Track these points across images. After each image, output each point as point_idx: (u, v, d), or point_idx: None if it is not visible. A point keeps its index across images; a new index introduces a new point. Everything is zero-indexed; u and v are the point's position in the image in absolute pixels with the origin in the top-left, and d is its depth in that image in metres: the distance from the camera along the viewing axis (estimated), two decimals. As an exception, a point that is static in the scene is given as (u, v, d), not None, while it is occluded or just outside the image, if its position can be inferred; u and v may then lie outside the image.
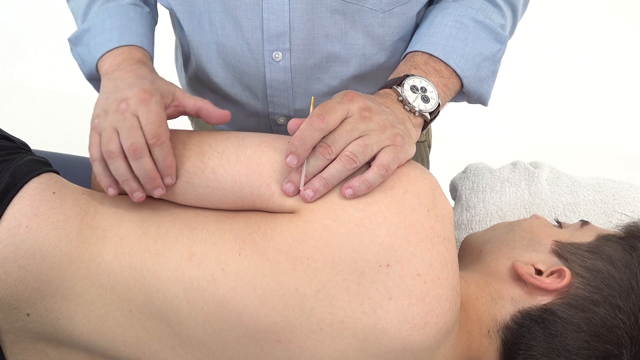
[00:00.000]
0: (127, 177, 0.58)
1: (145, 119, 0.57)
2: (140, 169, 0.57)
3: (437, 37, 0.67)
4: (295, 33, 0.68)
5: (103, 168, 0.59)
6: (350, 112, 0.55)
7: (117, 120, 0.57)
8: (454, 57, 0.66)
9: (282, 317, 0.54)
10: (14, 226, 0.57)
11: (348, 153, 0.54)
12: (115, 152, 0.57)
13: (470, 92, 0.70)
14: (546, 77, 2.22)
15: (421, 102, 0.61)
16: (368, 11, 0.67)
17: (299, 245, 0.54)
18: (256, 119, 0.79)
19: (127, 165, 0.58)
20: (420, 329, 0.53)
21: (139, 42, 0.69)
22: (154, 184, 0.58)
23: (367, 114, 0.55)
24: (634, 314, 0.55)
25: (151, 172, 0.57)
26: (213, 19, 0.69)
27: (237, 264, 0.55)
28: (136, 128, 0.57)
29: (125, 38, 0.68)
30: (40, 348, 0.61)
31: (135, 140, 0.56)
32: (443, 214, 0.57)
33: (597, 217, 0.81)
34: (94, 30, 0.69)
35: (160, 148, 0.57)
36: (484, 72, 0.69)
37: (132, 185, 0.59)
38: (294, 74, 0.72)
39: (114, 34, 0.68)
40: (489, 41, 0.69)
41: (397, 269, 0.53)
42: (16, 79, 2.05)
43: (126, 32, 0.68)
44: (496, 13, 0.70)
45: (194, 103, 0.62)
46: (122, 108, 0.58)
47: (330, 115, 0.54)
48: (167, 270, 0.57)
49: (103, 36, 0.68)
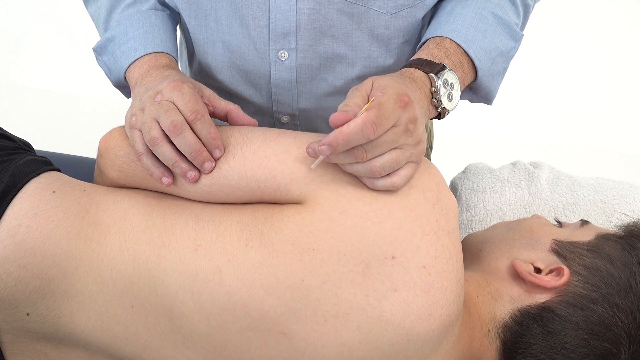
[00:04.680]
0: (175, 159, 0.58)
1: (180, 100, 0.58)
2: (184, 144, 0.57)
3: (458, 25, 0.66)
4: (301, 33, 0.68)
5: (151, 159, 0.59)
6: (399, 122, 0.53)
7: (155, 111, 0.58)
8: (473, 47, 0.66)
9: (287, 308, 0.54)
10: (14, 226, 0.58)
11: (379, 166, 0.53)
12: (157, 138, 0.57)
13: (480, 87, 0.70)
14: (546, 77, 2.22)
15: (447, 99, 0.61)
16: (374, 13, 0.67)
17: (306, 236, 0.54)
18: (260, 116, 0.79)
19: (172, 147, 0.58)
20: (424, 320, 0.53)
21: (164, 48, 0.70)
22: (202, 157, 0.58)
23: (412, 127, 0.54)
24: (632, 312, 0.56)
25: (195, 145, 0.57)
26: (219, 17, 0.69)
27: (244, 255, 0.55)
28: (173, 109, 0.57)
29: (150, 46, 0.69)
30: (39, 348, 0.61)
31: (174, 118, 0.56)
32: (448, 208, 0.57)
33: (597, 216, 0.82)
34: (118, 39, 0.70)
35: (201, 122, 0.57)
36: (497, 68, 0.69)
37: (182, 167, 0.58)
38: (299, 73, 0.72)
39: (138, 42, 0.69)
40: (505, 37, 0.69)
41: (402, 261, 0.53)
42: (16, 79, 2.05)
43: (150, 40, 0.69)
44: (512, 11, 0.71)
45: (225, 105, 0.63)
46: (157, 99, 0.58)
47: (384, 126, 0.51)
48: (172, 262, 0.57)
49: (128, 45, 0.69)
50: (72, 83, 1.93)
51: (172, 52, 0.71)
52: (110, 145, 0.64)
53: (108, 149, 0.64)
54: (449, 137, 1.60)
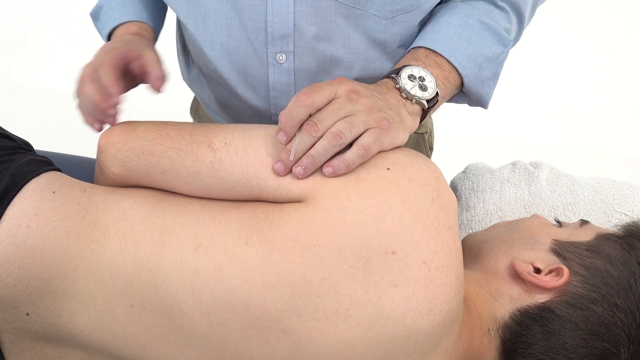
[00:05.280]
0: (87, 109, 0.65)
1: (98, 56, 0.66)
2: (83, 96, 0.64)
3: (441, 35, 0.68)
4: (299, 36, 0.68)
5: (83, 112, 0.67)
6: (338, 93, 0.57)
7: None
8: (456, 54, 0.67)
9: (288, 306, 0.54)
10: (14, 226, 0.58)
11: (334, 130, 0.55)
12: (77, 89, 0.66)
13: (471, 93, 0.70)
14: (546, 78, 2.22)
15: (418, 90, 0.62)
16: (371, 17, 0.67)
17: (307, 232, 0.54)
18: (259, 118, 0.80)
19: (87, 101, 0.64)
20: (424, 316, 0.53)
21: (136, 17, 0.77)
22: (98, 110, 0.63)
23: (354, 96, 0.57)
24: (631, 312, 0.56)
25: (92, 97, 0.63)
26: (218, 19, 0.69)
27: (244, 253, 0.55)
28: (91, 65, 0.66)
29: (125, 15, 0.77)
30: (39, 348, 0.61)
31: (83, 72, 0.65)
32: (447, 203, 0.57)
33: (597, 216, 0.82)
34: (105, 7, 0.79)
35: (102, 70, 0.63)
36: (486, 74, 0.70)
37: (87, 119, 0.66)
38: (297, 76, 0.72)
39: (116, 12, 0.77)
40: (492, 43, 0.69)
41: (402, 256, 0.53)
42: (16, 79, 2.05)
43: (125, 10, 0.77)
44: (502, 16, 0.71)
45: (148, 65, 0.66)
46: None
47: (317, 93, 0.55)
48: (172, 261, 0.57)
49: (109, 14, 0.78)
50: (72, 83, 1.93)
51: (145, 19, 0.78)
52: (112, 140, 0.64)
53: (109, 144, 0.64)
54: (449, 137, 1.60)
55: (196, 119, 1.03)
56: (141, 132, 0.63)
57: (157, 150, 0.62)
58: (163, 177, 0.62)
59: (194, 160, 0.60)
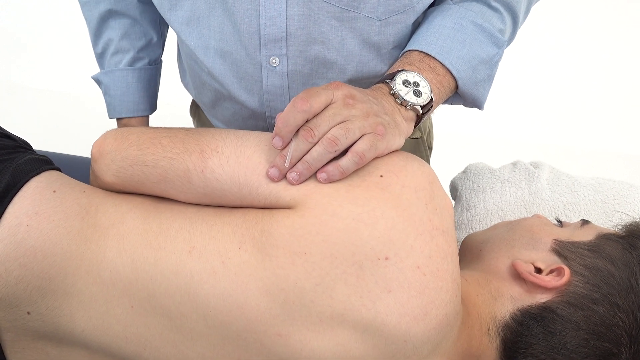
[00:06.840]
0: None
1: None
2: None
3: (434, 37, 0.67)
4: (292, 39, 0.68)
5: None
6: (335, 99, 0.56)
7: None
8: (449, 57, 0.67)
9: (282, 310, 0.54)
10: (14, 225, 0.58)
11: (330, 136, 0.55)
12: None
13: (465, 95, 0.70)
14: (546, 77, 2.22)
15: (413, 95, 0.62)
16: (364, 19, 0.67)
17: (297, 240, 0.54)
18: (254, 121, 0.80)
19: None
20: (420, 321, 0.53)
21: (135, 112, 0.87)
22: None
23: (350, 101, 0.56)
24: (633, 312, 0.55)
25: None
26: (212, 23, 0.69)
27: (238, 257, 0.56)
28: None
29: (124, 110, 0.86)
30: (40, 347, 0.61)
31: None
32: (441, 207, 0.57)
33: (598, 216, 0.81)
34: (104, 87, 0.86)
35: None
36: (480, 75, 0.70)
37: None
38: (290, 79, 0.72)
39: (116, 102, 0.86)
40: (486, 44, 0.69)
41: (395, 261, 0.53)
42: (16, 79, 2.05)
43: (124, 104, 0.86)
44: (496, 17, 0.71)
45: None
46: None
47: (314, 98, 0.55)
48: (168, 264, 0.57)
49: (110, 101, 0.86)
50: (72, 83, 1.93)
51: (142, 111, 0.87)
52: (105, 150, 0.64)
53: (102, 154, 0.64)
54: (449, 137, 1.61)
55: (196, 119, 1.03)
56: (134, 141, 0.63)
57: (149, 160, 0.62)
58: (158, 186, 0.63)
59: (185, 170, 0.60)
